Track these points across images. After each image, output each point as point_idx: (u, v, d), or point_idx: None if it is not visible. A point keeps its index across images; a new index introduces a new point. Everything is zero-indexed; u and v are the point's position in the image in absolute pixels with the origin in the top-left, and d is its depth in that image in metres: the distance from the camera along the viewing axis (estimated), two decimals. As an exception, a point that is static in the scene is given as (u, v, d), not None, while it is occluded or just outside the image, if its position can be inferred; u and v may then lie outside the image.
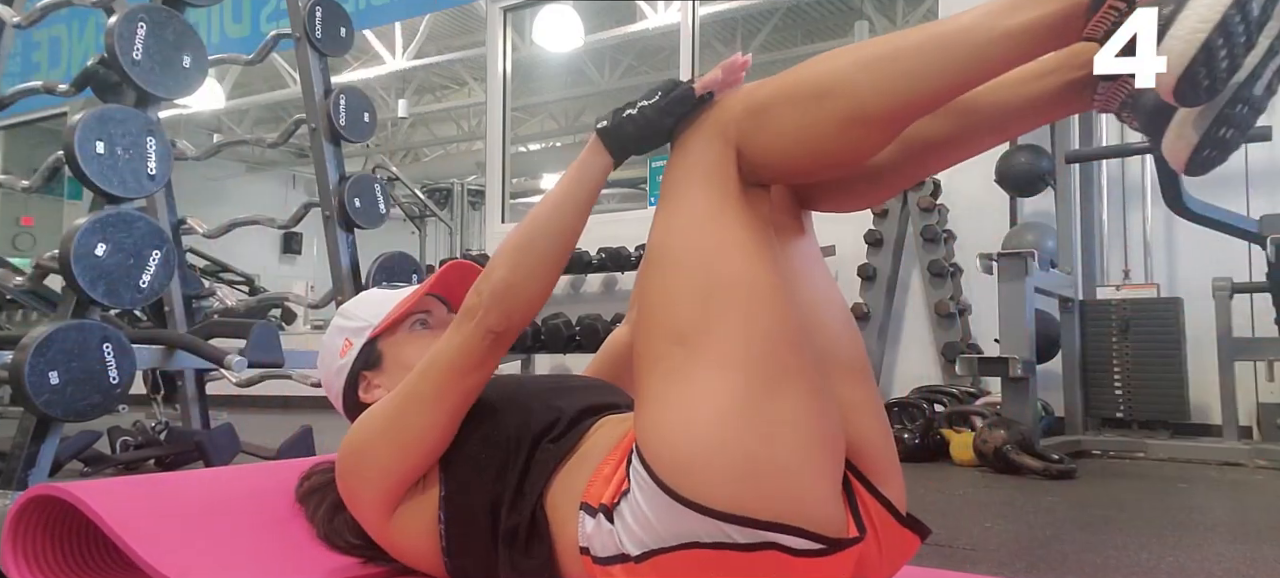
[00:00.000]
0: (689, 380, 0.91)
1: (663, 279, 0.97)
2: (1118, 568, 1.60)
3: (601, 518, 0.96)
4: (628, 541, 0.93)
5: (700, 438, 0.89)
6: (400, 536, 1.14)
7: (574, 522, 1.00)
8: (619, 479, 0.97)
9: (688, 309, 0.94)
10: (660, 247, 0.99)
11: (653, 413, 0.93)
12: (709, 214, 0.97)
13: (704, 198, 0.97)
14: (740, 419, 0.89)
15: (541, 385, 1.21)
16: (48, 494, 1.16)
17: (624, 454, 0.99)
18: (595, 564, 0.96)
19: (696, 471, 0.88)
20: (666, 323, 0.95)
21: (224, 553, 1.20)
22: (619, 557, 0.94)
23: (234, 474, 1.42)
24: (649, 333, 0.97)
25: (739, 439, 0.88)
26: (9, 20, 2.84)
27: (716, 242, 0.96)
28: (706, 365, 0.91)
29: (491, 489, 1.07)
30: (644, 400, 0.95)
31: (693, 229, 0.97)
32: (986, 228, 4.13)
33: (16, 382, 1.77)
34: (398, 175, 9.64)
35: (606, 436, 1.08)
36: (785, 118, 0.96)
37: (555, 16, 6.34)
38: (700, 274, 0.95)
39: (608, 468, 1.00)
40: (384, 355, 1.26)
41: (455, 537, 1.10)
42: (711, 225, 0.96)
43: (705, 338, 0.92)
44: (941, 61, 0.91)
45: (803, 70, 0.97)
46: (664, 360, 0.93)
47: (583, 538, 0.98)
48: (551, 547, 1.02)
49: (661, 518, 0.90)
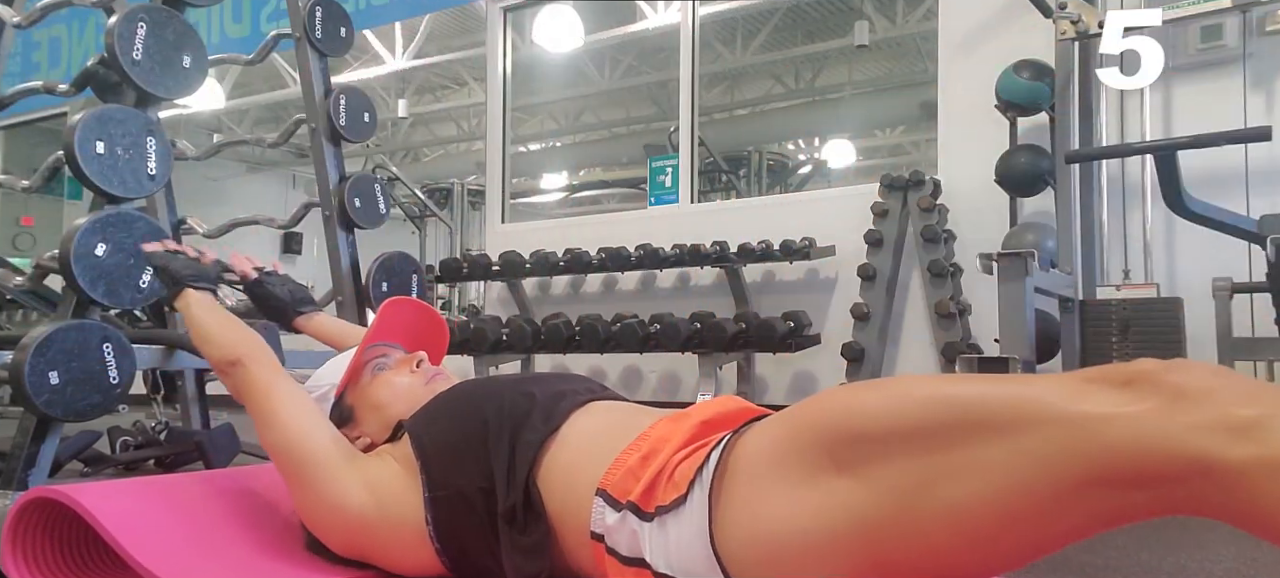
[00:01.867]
0: (823, 498, 0.83)
1: (929, 417, 0.80)
2: (1118, 568, 1.60)
3: (629, 515, 0.95)
4: (657, 553, 0.93)
5: (782, 553, 0.85)
6: (387, 542, 1.15)
7: (572, 500, 1.01)
8: (663, 482, 0.95)
9: (912, 464, 0.79)
10: (967, 405, 0.79)
11: (761, 485, 0.87)
12: (1045, 476, 0.74)
13: (1058, 464, 0.74)
14: (829, 574, 0.83)
15: (509, 379, 1.25)
16: (47, 497, 1.16)
17: (654, 450, 0.98)
18: (611, 556, 0.96)
19: (754, 569, 0.87)
20: (875, 435, 0.81)
21: (222, 557, 1.20)
22: (639, 561, 0.94)
23: (232, 476, 1.42)
24: (852, 418, 0.85)
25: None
26: (9, 20, 2.83)
27: (997, 525, 0.77)
28: (852, 506, 0.81)
29: (479, 476, 1.09)
30: (759, 472, 0.88)
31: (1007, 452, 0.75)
32: (986, 228, 4.13)
33: (16, 382, 1.77)
34: (398, 175, 9.65)
35: (603, 422, 1.09)
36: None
37: (555, 16, 6.34)
38: (965, 469, 0.77)
39: (632, 459, 0.99)
40: (355, 407, 1.33)
41: (448, 529, 1.11)
42: (1016, 515, 0.76)
43: (884, 496, 0.80)
44: None
45: None
46: (811, 463, 0.84)
47: (598, 525, 0.98)
48: (547, 523, 1.04)
49: (700, 563, 0.90)
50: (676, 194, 5.34)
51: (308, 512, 1.21)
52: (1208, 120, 3.59)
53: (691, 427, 1.00)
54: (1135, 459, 0.70)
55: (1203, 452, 0.67)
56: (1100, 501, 0.73)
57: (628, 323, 4.27)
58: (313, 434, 1.21)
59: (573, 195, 11.95)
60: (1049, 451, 0.73)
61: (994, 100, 4.04)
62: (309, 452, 1.18)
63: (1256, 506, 0.67)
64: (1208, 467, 0.67)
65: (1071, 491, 0.73)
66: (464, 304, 9.70)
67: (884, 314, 4.26)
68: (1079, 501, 0.73)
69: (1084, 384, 0.75)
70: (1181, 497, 0.70)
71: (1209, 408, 0.68)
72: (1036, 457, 0.73)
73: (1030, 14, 3.72)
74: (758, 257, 4.48)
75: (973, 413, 0.77)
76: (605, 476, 1.00)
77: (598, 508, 0.98)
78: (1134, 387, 0.72)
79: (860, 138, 10.30)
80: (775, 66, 9.14)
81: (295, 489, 1.21)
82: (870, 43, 7.78)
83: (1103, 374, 0.75)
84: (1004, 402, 0.77)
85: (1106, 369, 0.75)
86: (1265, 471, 0.65)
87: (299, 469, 1.19)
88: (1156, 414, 0.69)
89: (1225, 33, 3.76)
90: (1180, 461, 0.68)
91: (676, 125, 5.49)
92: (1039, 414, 0.74)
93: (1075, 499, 0.73)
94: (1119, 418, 0.71)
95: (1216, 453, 0.67)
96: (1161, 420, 0.69)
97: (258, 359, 1.30)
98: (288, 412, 1.22)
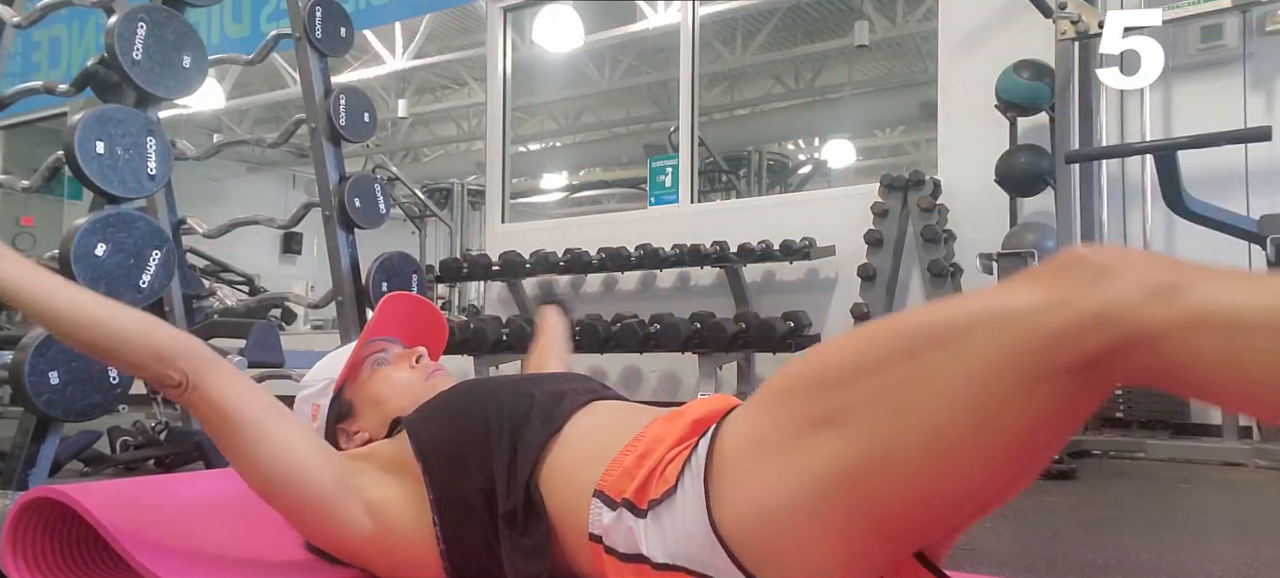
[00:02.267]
0: (802, 457, 0.84)
1: (878, 349, 0.82)
2: (1118, 568, 1.60)
3: (624, 512, 0.96)
4: (654, 545, 0.93)
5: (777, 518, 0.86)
6: (391, 550, 1.14)
7: (571, 502, 1.01)
8: (655, 477, 0.96)
9: (875, 396, 0.80)
10: (912, 329, 0.81)
11: (750, 457, 0.88)
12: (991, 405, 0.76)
13: (1003, 385, 0.75)
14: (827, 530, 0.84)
15: (509, 379, 1.24)
16: (47, 497, 1.16)
17: (649, 448, 0.99)
18: (609, 555, 0.97)
19: (755, 542, 0.87)
20: (832, 396, 0.83)
21: (222, 557, 1.20)
22: (638, 557, 0.94)
23: (232, 477, 1.42)
24: (809, 382, 0.87)
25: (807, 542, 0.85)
26: (9, 20, 2.83)
27: (971, 437, 0.78)
28: (832, 456, 0.82)
29: (481, 476, 1.08)
30: (748, 434, 0.90)
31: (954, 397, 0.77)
32: (986, 228, 4.13)
33: (16, 382, 1.77)
34: (398, 175, 9.65)
35: (600, 422, 1.09)
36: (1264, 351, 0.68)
37: (555, 16, 6.34)
38: (921, 386, 0.78)
39: (627, 459, 1.00)
40: (353, 402, 1.31)
41: (452, 530, 1.10)
42: (979, 421, 0.77)
43: (858, 436, 0.81)
44: None
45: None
46: (797, 420, 0.85)
47: (596, 526, 0.98)
48: (547, 524, 1.04)
49: (701, 547, 0.90)
50: (676, 194, 5.34)
51: (309, 536, 1.19)
52: (1208, 120, 3.59)
53: (685, 425, 1.01)
54: (1071, 338, 0.72)
55: (1126, 318, 0.71)
56: (1054, 389, 0.75)
57: (628, 323, 4.27)
58: (307, 470, 1.09)
59: (573, 195, 11.96)
60: (995, 348, 0.76)
61: (994, 100, 4.04)
62: (305, 492, 1.09)
63: (1180, 364, 0.70)
64: (1134, 333, 0.71)
65: (1026, 385, 0.75)
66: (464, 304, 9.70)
67: (884, 314, 4.25)
68: (1035, 393, 0.75)
69: (1021, 281, 0.78)
70: (1123, 368, 0.73)
71: (1131, 278, 0.72)
72: (986, 356, 0.76)
73: (1030, 14, 3.72)
74: (758, 257, 4.48)
75: (923, 333, 0.80)
76: (602, 476, 1.00)
77: (595, 509, 0.98)
78: (1065, 271, 0.75)
79: (860, 138, 10.30)
80: (775, 66, 9.14)
81: (293, 520, 1.16)
82: (870, 43, 7.79)
83: (1035, 271, 0.78)
84: (949, 315, 0.80)
85: (1039, 266, 0.79)
86: (1180, 329, 0.69)
87: (296, 508, 1.12)
88: (1084, 292, 0.73)
89: (1225, 33, 3.76)
90: (1109, 330, 0.71)
91: (676, 125, 5.50)
92: (982, 317, 0.77)
93: (1031, 393, 0.75)
94: (1053, 304, 0.74)
95: (1138, 317, 0.70)
96: (1089, 296, 0.72)
97: (206, 364, 1.07)
98: (273, 444, 1.08)
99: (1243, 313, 0.68)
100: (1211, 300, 0.69)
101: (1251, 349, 0.68)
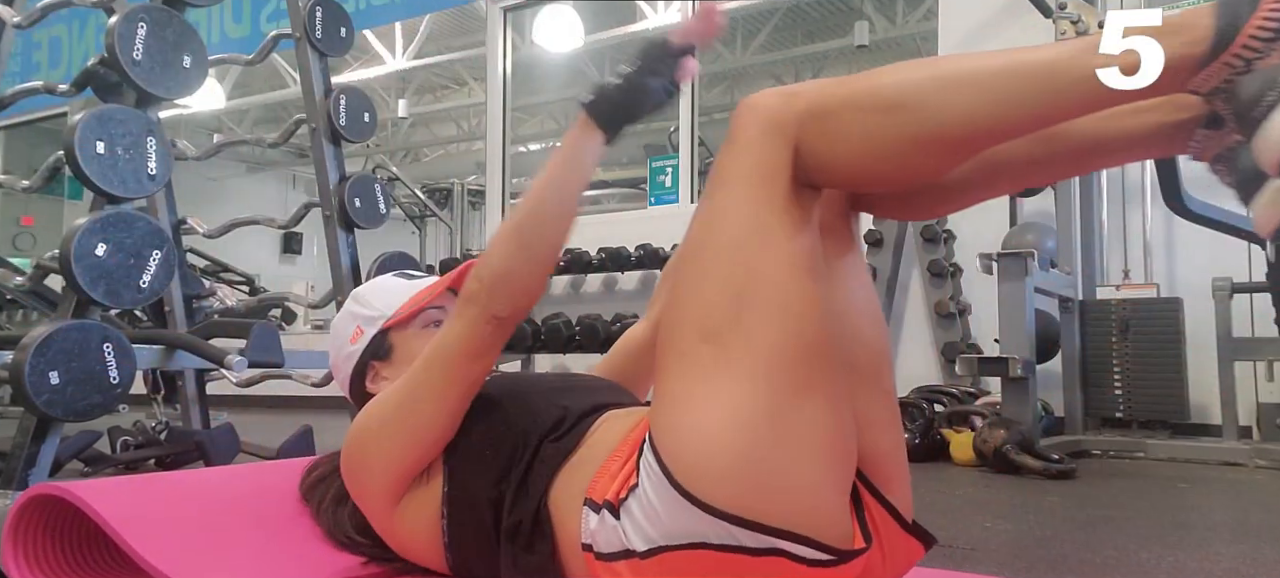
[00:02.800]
0: (712, 380, 0.90)
1: (700, 273, 0.94)
2: (1118, 568, 1.60)
3: (606, 515, 0.96)
4: (635, 536, 0.93)
5: (718, 440, 0.88)
6: (403, 528, 1.14)
7: (577, 519, 1.00)
8: (626, 475, 0.97)
9: (721, 307, 0.91)
10: (700, 240, 0.96)
11: (672, 409, 0.92)
12: (755, 213, 0.93)
13: (752, 195, 0.93)
14: (760, 426, 0.88)
15: (547, 384, 1.21)
16: (48, 494, 1.16)
17: (631, 450, 0.99)
18: (598, 560, 0.96)
19: (711, 472, 0.88)
20: (697, 318, 0.93)
21: (225, 553, 1.20)
22: (624, 553, 0.94)
23: (234, 474, 1.42)
24: (677, 325, 0.95)
25: (756, 446, 0.88)
26: (9, 20, 2.83)
27: (760, 243, 0.92)
28: (732, 367, 0.89)
29: (495, 485, 1.07)
30: (663, 394, 0.94)
31: (736, 226, 0.93)
32: (986, 228, 4.13)
33: (17, 382, 1.77)
34: (398, 175, 9.66)
35: (610, 432, 1.08)
36: (851, 125, 0.92)
37: (555, 16, 6.34)
38: (739, 274, 0.92)
39: (614, 465, 1.00)
40: (395, 348, 1.26)
41: (457, 531, 1.10)
42: (756, 225, 0.93)
43: (734, 339, 0.90)
44: (1033, 91, 0.88)
45: (874, 77, 0.93)
46: (688, 356, 0.92)
47: (586, 534, 0.98)
48: (554, 544, 1.02)
49: (671, 515, 0.90)
50: (676, 194, 5.34)
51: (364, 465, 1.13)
52: (1207, 120, 3.59)
53: None
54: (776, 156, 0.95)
55: (777, 120, 0.93)
56: (798, 199, 0.95)
57: (628, 323, 4.27)
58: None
59: (572, 195, 11.93)
60: (746, 203, 0.95)
61: (994, 100, 4.03)
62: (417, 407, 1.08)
63: (816, 149, 0.93)
64: (781, 127, 0.93)
65: (782, 207, 0.94)
66: (464, 304, 9.69)
67: (884, 314, 4.26)
68: (794, 206, 0.94)
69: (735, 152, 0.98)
70: (805, 167, 0.94)
71: (769, 98, 0.96)
72: (750, 209, 0.94)
73: (1030, 14, 3.72)
74: (758, 257, 4.47)
75: (704, 241, 0.96)
76: (590, 485, 1.00)
77: (584, 517, 0.98)
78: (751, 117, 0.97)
79: (860, 138, 10.29)
80: (775, 66, 9.14)
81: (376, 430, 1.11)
82: (870, 43, 7.78)
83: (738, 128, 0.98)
84: (703, 228, 0.97)
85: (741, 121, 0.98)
86: (805, 118, 0.93)
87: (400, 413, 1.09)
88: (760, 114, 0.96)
89: (1225, 33, 3.75)
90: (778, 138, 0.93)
91: (676, 125, 5.50)
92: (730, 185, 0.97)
93: (790, 206, 0.94)
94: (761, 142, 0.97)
95: (780, 117, 0.93)
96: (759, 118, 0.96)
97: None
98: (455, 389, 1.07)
99: (829, 100, 0.92)
100: (815, 94, 0.93)
101: (846, 126, 0.91)
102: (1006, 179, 1.05)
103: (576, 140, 1.05)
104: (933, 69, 0.92)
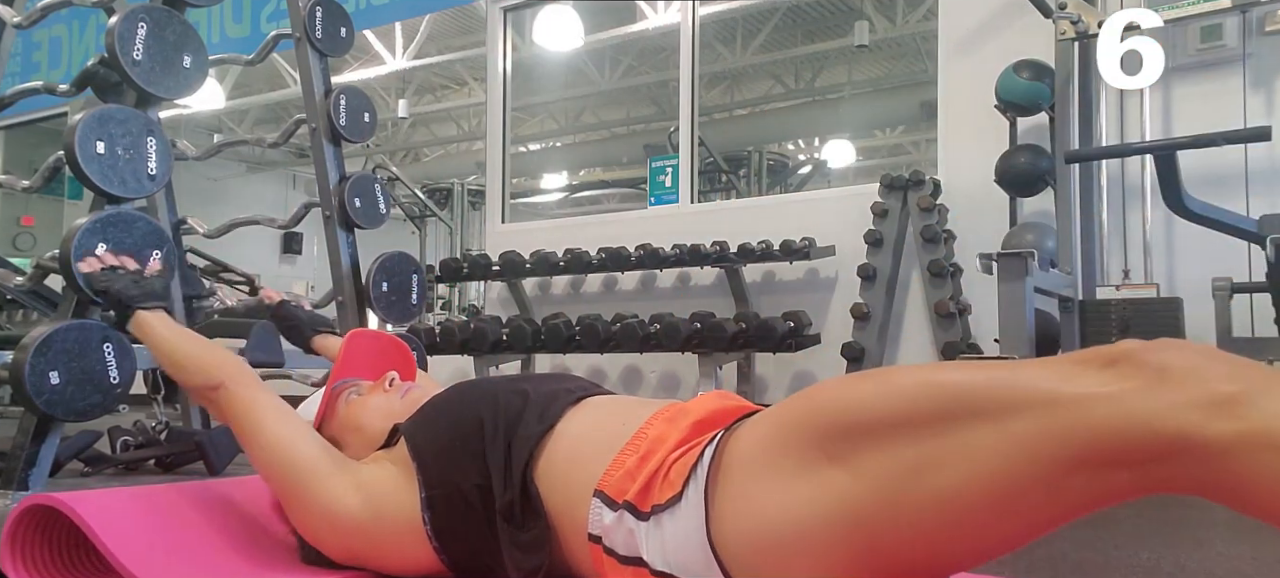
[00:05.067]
0: (815, 489, 0.84)
1: (914, 404, 0.81)
2: (1118, 568, 1.60)
3: (625, 515, 0.96)
4: (654, 553, 0.93)
5: (776, 545, 0.85)
6: (385, 548, 1.15)
7: (571, 499, 1.01)
8: (658, 481, 0.96)
9: (901, 451, 0.79)
10: (951, 392, 0.80)
11: (754, 481, 0.88)
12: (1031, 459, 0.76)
13: (1042, 448, 0.75)
14: (823, 566, 0.84)
15: (504, 379, 1.25)
16: (45, 504, 1.16)
17: (651, 451, 0.99)
18: (607, 555, 0.97)
19: (751, 564, 0.87)
20: (865, 425, 0.82)
21: (217, 570, 1.20)
22: (636, 560, 0.94)
23: (229, 487, 1.42)
24: (839, 408, 0.86)
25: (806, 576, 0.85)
26: (9, 20, 2.83)
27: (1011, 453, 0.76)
28: (843, 497, 0.82)
29: (476, 473, 1.09)
30: (757, 458, 0.89)
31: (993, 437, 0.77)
32: (986, 228, 4.13)
33: (17, 382, 1.77)
34: (398, 175, 9.65)
35: (600, 417, 1.09)
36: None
37: (555, 16, 6.34)
38: (951, 453, 0.78)
39: (630, 460, 0.99)
40: (335, 437, 1.34)
41: (446, 528, 1.11)
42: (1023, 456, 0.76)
43: (876, 485, 0.80)
44: None
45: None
46: (810, 452, 0.85)
47: (595, 526, 0.98)
48: (546, 520, 1.04)
49: (697, 561, 0.90)
50: (676, 194, 5.34)
51: (302, 523, 1.21)
52: (1208, 120, 3.59)
53: (687, 426, 1.01)
54: (1119, 439, 0.71)
55: (1185, 429, 0.68)
56: (1088, 482, 0.74)
57: (628, 323, 4.27)
58: (298, 444, 1.22)
59: (573, 195, 11.96)
60: (1035, 434, 0.74)
61: (994, 100, 4.04)
62: (296, 461, 1.20)
63: (1240, 481, 0.68)
64: (1190, 444, 0.68)
65: (1059, 473, 0.73)
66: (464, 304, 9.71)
67: (884, 314, 4.26)
68: (1067, 482, 0.74)
69: (1070, 367, 0.76)
70: (1167, 475, 0.71)
71: (1192, 386, 0.69)
72: (1023, 440, 0.74)
73: (1030, 14, 3.72)
74: (758, 257, 4.48)
75: (961, 400, 0.78)
76: (603, 477, 1.00)
77: (595, 509, 0.98)
78: (1118, 366, 0.73)
79: (860, 138, 10.30)
80: (775, 66, 9.14)
81: (288, 502, 1.21)
82: (870, 43, 7.79)
83: (1087, 356, 0.76)
84: (991, 387, 0.77)
85: (1091, 351, 0.76)
86: (1246, 446, 0.66)
87: (289, 481, 1.20)
88: (1139, 393, 0.70)
89: (1225, 33, 3.76)
90: (1163, 439, 0.69)
91: (676, 125, 5.49)
92: (1025, 398, 0.75)
93: (1063, 481, 0.74)
94: (1103, 398, 0.71)
95: (1198, 430, 0.67)
96: (1144, 399, 0.70)
97: (238, 378, 1.32)
98: (273, 427, 1.24)
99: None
100: (1278, 418, 0.66)
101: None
102: None
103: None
104: None
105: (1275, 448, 0.66)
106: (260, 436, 1.24)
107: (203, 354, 1.38)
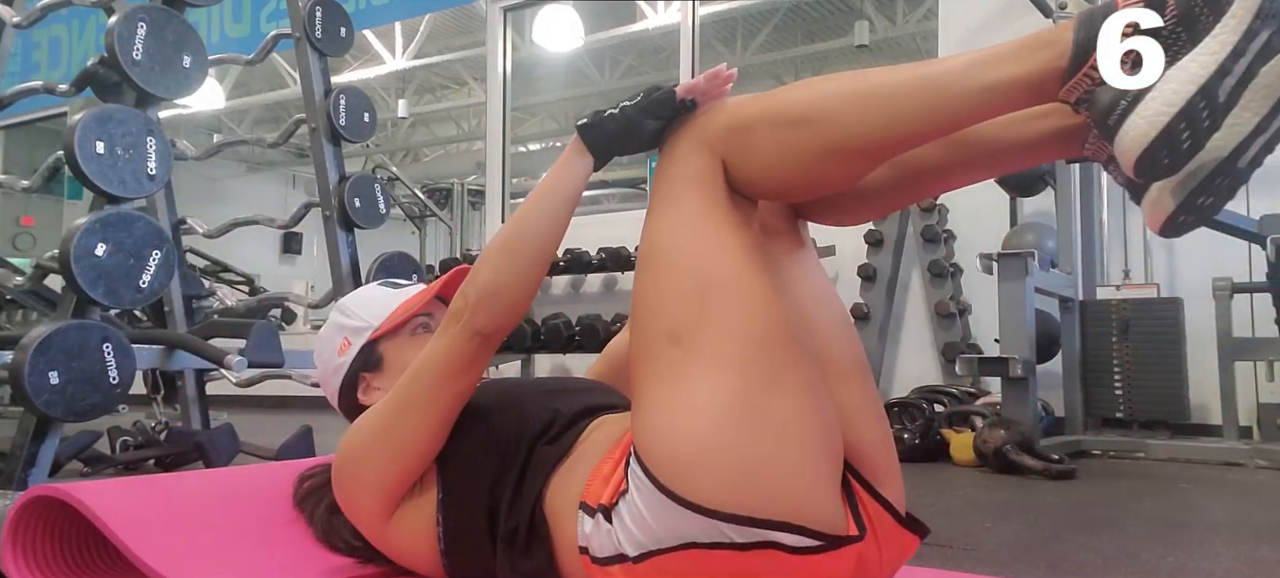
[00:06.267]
0: (684, 380, 0.92)
1: (655, 280, 0.98)
2: (1118, 568, 1.60)
3: (600, 518, 0.96)
4: (626, 541, 0.93)
5: (697, 438, 0.89)
6: (398, 538, 1.14)
7: (573, 522, 1.00)
8: (618, 479, 0.97)
9: (682, 309, 0.95)
10: (652, 249, 1.00)
11: (649, 414, 0.94)
12: (699, 217, 0.98)
13: (693, 201, 0.99)
14: (737, 419, 0.89)
15: (538, 388, 1.22)
16: (48, 495, 1.16)
17: (623, 454, 0.99)
18: (594, 564, 0.97)
19: (694, 471, 0.89)
20: (661, 323, 0.96)
21: (224, 554, 1.20)
22: (617, 557, 0.94)
23: (233, 475, 1.42)
24: (644, 333, 0.98)
25: (736, 439, 0.89)
26: (9, 20, 2.83)
27: (708, 243, 0.97)
28: (702, 365, 0.92)
29: (490, 491, 1.08)
30: (640, 401, 0.96)
31: (683, 231, 0.98)
32: (986, 228, 4.13)
33: (16, 382, 1.77)
34: (398, 175, 9.65)
35: (604, 434, 1.08)
36: (765, 139, 0.98)
37: (555, 16, 6.34)
38: (693, 274, 0.96)
39: (606, 467, 1.00)
40: (384, 358, 1.26)
41: (454, 538, 1.10)
42: (702, 227, 0.98)
43: (700, 337, 0.93)
44: (924, 104, 0.93)
45: (786, 93, 0.99)
46: (659, 360, 0.94)
47: (582, 538, 0.98)
48: (551, 547, 1.03)
49: (659, 519, 0.90)
50: (676, 194, 5.33)
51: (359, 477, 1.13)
52: (1208, 120, 3.59)
53: None
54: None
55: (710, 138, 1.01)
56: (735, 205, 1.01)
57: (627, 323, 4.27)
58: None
59: (572, 195, 11.93)
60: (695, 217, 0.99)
61: (994, 100, 4.03)
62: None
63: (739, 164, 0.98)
64: (709, 145, 1.01)
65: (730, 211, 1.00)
66: (464, 304, 9.69)
67: (884, 314, 4.26)
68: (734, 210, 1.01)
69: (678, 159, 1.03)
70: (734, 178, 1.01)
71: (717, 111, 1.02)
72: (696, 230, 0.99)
73: (1030, 14, 3.72)
74: (758, 256, 4.48)
75: (657, 251, 1.01)
76: (584, 488, 1.00)
77: (580, 521, 0.99)
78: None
79: (860, 138, 10.29)
80: (775, 66, 9.14)
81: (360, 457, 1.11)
82: (870, 43, 7.79)
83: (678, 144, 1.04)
84: (658, 236, 1.01)
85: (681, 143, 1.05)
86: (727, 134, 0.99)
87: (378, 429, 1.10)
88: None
89: (1225, 33, 3.75)
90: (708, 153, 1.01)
91: (676, 125, 5.49)
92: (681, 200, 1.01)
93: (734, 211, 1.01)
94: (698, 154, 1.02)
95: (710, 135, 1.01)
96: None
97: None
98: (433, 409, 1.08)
99: (745, 116, 0.99)
100: (732, 110, 1.00)
101: (761, 140, 0.97)
102: (929, 183, 1.09)
103: (567, 161, 1.09)
104: (840, 83, 0.96)
105: (735, 131, 0.99)
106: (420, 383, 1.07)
107: (545, 253, 1.09)
